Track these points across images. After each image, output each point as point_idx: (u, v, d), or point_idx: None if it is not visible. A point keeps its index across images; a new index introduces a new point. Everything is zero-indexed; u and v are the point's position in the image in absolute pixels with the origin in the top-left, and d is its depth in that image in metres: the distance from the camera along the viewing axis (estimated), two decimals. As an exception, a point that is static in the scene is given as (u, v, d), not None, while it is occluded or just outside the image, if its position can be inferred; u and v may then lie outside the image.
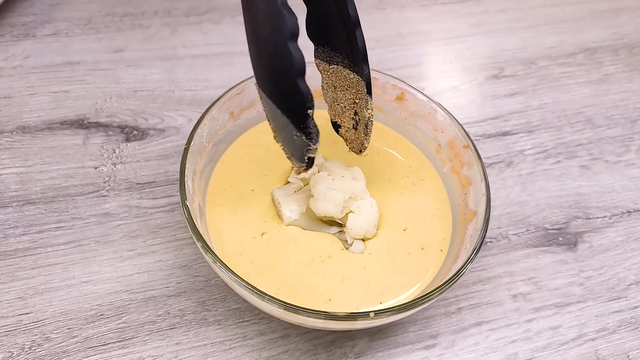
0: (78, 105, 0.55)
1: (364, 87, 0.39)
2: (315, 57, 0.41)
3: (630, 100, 0.64)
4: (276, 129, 0.36)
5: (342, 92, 0.41)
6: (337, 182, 0.42)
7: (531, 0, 0.75)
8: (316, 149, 0.35)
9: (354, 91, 0.40)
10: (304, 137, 0.34)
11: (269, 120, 0.37)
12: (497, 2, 0.74)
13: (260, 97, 0.36)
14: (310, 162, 0.35)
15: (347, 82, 0.41)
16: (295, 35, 0.31)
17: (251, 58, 0.35)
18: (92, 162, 0.51)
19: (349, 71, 0.40)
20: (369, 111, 0.40)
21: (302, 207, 0.43)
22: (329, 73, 0.41)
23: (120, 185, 0.50)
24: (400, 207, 0.45)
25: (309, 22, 0.40)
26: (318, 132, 0.34)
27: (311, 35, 0.40)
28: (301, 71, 0.32)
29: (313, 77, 0.39)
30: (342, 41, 0.39)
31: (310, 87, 0.32)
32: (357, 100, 0.41)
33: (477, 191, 0.43)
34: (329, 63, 0.41)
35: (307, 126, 0.33)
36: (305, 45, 0.34)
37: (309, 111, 0.33)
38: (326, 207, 0.41)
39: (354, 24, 0.37)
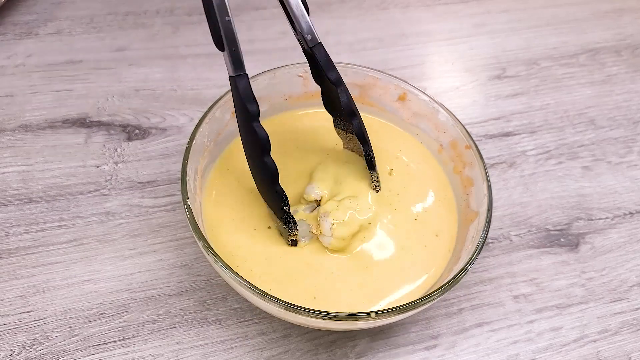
0: (80, 104, 0.55)
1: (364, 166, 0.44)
2: (335, 126, 0.46)
3: (633, 101, 0.64)
4: (270, 216, 0.43)
5: (360, 156, 0.45)
6: (342, 214, 0.41)
7: (534, 1, 0.75)
8: (295, 234, 0.41)
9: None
10: (284, 226, 0.41)
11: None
12: (499, 3, 0.73)
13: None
14: (294, 243, 0.42)
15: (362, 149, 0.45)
16: (267, 149, 0.38)
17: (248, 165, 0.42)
18: (94, 161, 0.51)
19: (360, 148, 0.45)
20: (373, 184, 0.44)
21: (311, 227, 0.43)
22: (347, 140, 0.46)
23: (122, 184, 0.50)
24: (405, 205, 0.45)
25: (323, 98, 0.44)
26: (295, 222, 0.41)
27: (327, 108, 0.45)
28: (275, 179, 0.39)
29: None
30: (347, 119, 0.44)
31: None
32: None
33: (479, 192, 0.43)
34: (346, 131, 0.45)
35: (285, 218, 0.41)
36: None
37: (285, 208, 0.40)
38: (334, 243, 0.41)
39: (347, 113, 0.42)
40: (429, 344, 0.44)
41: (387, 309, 0.35)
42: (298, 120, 0.49)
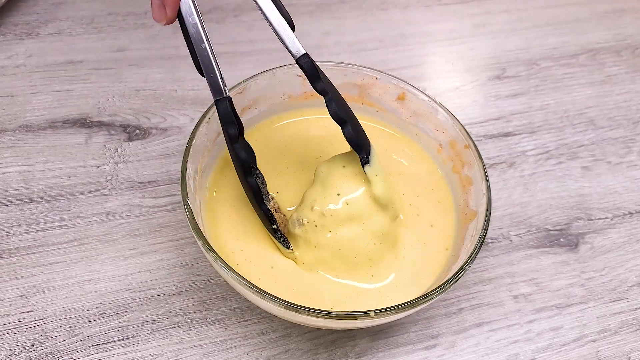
0: (80, 104, 0.55)
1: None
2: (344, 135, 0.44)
3: (632, 101, 0.64)
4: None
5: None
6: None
7: (534, 1, 0.75)
8: (291, 252, 0.41)
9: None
10: (278, 244, 0.41)
11: None
12: (499, 3, 0.73)
13: None
14: (292, 257, 0.41)
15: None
16: (249, 168, 0.40)
17: None
18: (95, 161, 0.51)
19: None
20: (376, 191, 0.42)
21: None
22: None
23: (122, 184, 0.50)
24: (400, 206, 0.45)
25: (327, 107, 0.41)
26: (287, 240, 0.41)
27: (333, 118, 0.42)
28: (259, 198, 0.40)
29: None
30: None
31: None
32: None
33: (478, 191, 0.43)
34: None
35: (277, 236, 0.41)
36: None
37: (274, 227, 0.41)
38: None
39: (337, 121, 0.40)
40: (429, 343, 0.44)
41: (386, 308, 0.36)
42: (298, 120, 0.49)
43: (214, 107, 0.43)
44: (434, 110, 0.47)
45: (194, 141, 0.41)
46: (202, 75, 0.39)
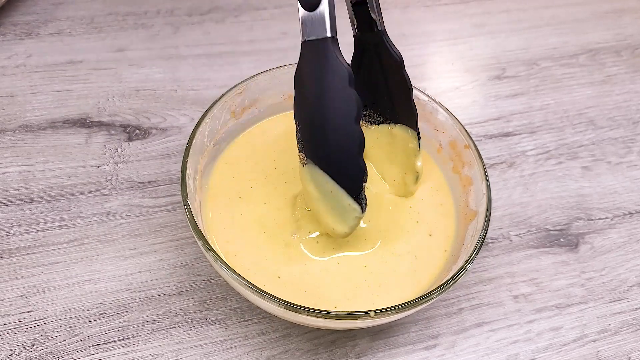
0: (80, 104, 0.55)
1: (416, 140, 0.44)
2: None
3: (632, 101, 0.64)
4: (323, 199, 0.39)
5: (383, 148, 0.45)
6: None
7: (534, 1, 0.75)
8: (362, 217, 0.39)
9: (399, 145, 0.45)
10: (355, 206, 0.38)
11: (309, 189, 0.39)
12: (499, 3, 0.73)
13: (304, 167, 0.39)
14: (353, 229, 0.39)
15: (391, 139, 0.45)
16: (360, 116, 0.35)
17: (307, 133, 0.38)
18: (95, 161, 0.51)
19: (392, 128, 0.45)
20: (420, 163, 0.44)
21: None
22: (371, 131, 0.46)
23: (122, 184, 0.50)
24: (400, 206, 0.45)
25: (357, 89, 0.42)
26: (367, 203, 0.38)
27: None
28: (362, 149, 0.36)
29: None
30: (387, 106, 0.45)
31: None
32: (405, 152, 0.45)
33: (478, 191, 0.43)
34: (371, 123, 0.46)
35: (360, 197, 0.38)
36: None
37: (364, 184, 0.37)
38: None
39: (409, 89, 0.43)
40: (429, 343, 0.44)
41: (386, 308, 0.36)
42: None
43: (213, 107, 0.43)
44: (434, 110, 0.47)
45: (194, 141, 0.41)
46: (310, 9, 0.35)
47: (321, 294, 0.40)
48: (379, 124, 0.46)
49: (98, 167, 0.51)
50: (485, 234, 0.40)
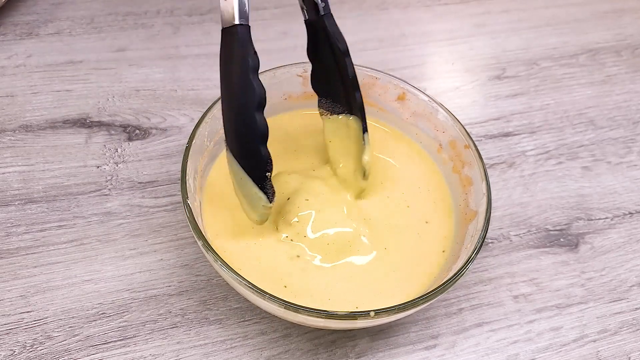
0: (80, 104, 0.55)
1: (362, 134, 0.43)
2: (318, 107, 0.45)
3: (632, 101, 0.64)
4: (237, 184, 0.39)
5: (342, 140, 0.44)
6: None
7: (534, 1, 0.75)
8: (270, 207, 0.39)
9: (353, 139, 0.44)
10: (261, 195, 0.38)
11: (231, 176, 0.40)
12: (499, 3, 0.73)
13: (227, 153, 0.39)
14: (263, 218, 0.40)
15: (347, 131, 0.44)
16: (262, 106, 0.36)
17: (223, 118, 0.38)
18: (94, 161, 0.51)
19: (348, 119, 0.44)
20: (367, 158, 0.44)
21: None
22: (330, 121, 0.45)
23: (122, 184, 0.50)
24: (401, 206, 0.45)
25: (313, 77, 0.44)
26: (274, 192, 0.39)
27: (315, 88, 0.45)
28: (265, 138, 0.37)
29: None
30: (342, 95, 0.43)
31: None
32: (358, 145, 0.44)
33: (478, 191, 0.43)
34: (331, 113, 0.45)
35: (264, 186, 0.38)
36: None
37: (268, 174, 0.38)
38: None
39: (353, 85, 0.42)
40: (429, 343, 0.44)
41: (386, 308, 0.36)
42: (297, 120, 0.49)
43: (213, 107, 0.43)
44: (434, 110, 0.47)
45: (194, 141, 0.41)
46: None
47: (321, 293, 0.40)
48: (338, 114, 0.45)
49: (98, 167, 0.51)
50: (485, 234, 0.40)
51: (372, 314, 0.35)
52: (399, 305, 0.36)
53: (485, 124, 0.59)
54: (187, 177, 0.39)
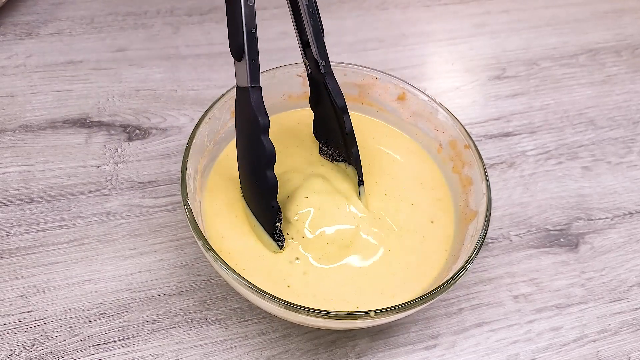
0: (80, 104, 0.55)
1: (357, 187, 0.44)
2: (319, 154, 0.47)
3: (632, 101, 0.64)
4: (250, 225, 0.43)
5: (340, 182, 0.45)
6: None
7: (534, 1, 0.75)
8: (281, 252, 0.41)
9: (351, 185, 0.45)
10: (271, 242, 0.41)
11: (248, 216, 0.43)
12: (499, 3, 0.73)
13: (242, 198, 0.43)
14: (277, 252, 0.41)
15: (345, 177, 0.45)
16: (271, 163, 0.38)
17: (238, 169, 0.42)
18: (94, 161, 0.51)
19: (347, 168, 0.46)
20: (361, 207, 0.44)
21: None
22: (330, 168, 0.46)
23: (122, 184, 0.50)
24: (401, 206, 0.45)
25: (315, 125, 0.46)
26: (284, 240, 0.41)
27: (316, 136, 0.47)
28: (274, 193, 0.39)
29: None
30: (341, 146, 0.45)
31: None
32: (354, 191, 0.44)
33: (478, 191, 0.43)
34: (331, 160, 0.47)
35: (275, 234, 0.41)
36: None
37: (278, 224, 0.40)
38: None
39: (350, 140, 0.43)
40: (429, 343, 0.44)
41: (386, 308, 0.35)
42: (297, 120, 0.49)
43: (213, 107, 0.43)
44: (434, 110, 0.47)
45: (194, 141, 0.41)
46: (237, 59, 0.38)
47: (321, 293, 0.40)
48: (338, 162, 0.46)
49: (98, 167, 0.51)
50: (486, 234, 0.40)
51: (372, 314, 0.35)
52: (399, 305, 0.36)
53: (485, 124, 0.59)
54: (187, 177, 0.39)
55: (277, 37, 0.64)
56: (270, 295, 0.35)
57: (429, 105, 0.47)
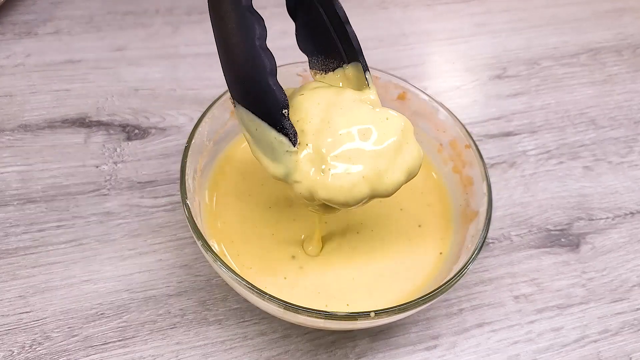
0: (79, 104, 0.55)
1: (364, 76, 0.39)
2: (310, 68, 0.41)
3: (633, 101, 0.64)
4: (253, 141, 0.36)
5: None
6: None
7: (535, 1, 0.74)
8: (296, 151, 0.34)
9: (356, 86, 0.40)
10: (281, 138, 0.34)
11: (245, 134, 0.36)
12: (500, 2, 0.73)
13: (235, 110, 0.36)
14: (289, 168, 0.35)
15: (345, 83, 0.40)
16: (264, 37, 0.32)
17: (222, 68, 0.35)
18: (93, 161, 0.51)
19: (344, 71, 0.40)
20: (373, 97, 0.39)
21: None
22: (326, 80, 0.41)
23: (122, 184, 0.49)
24: (400, 206, 0.44)
25: (298, 36, 0.41)
26: (296, 133, 0.34)
27: (302, 47, 0.41)
28: (274, 72, 0.32)
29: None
30: (332, 46, 0.39)
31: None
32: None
33: (478, 191, 0.43)
34: (325, 71, 0.41)
35: (284, 127, 0.34)
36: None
37: (285, 111, 0.33)
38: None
39: (344, 22, 0.38)
40: (429, 344, 0.43)
41: (386, 309, 0.35)
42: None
43: (213, 106, 0.43)
44: (434, 109, 0.47)
45: (193, 141, 0.41)
46: None
47: (320, 293, 0.39)
48: (333, 70, 0.40)
49: (97, 167, 0.50)
50: (486, 234, 0.39)
51: (372, 314, 0.35)
52: (400, 305, 0.36)
53: (485, 124, 0.59)
54: (186, 177, 0.39)
55: (277, 37, 0.63)
56: (270, 295, 0.35)
57: (429, 105, 0.47)
